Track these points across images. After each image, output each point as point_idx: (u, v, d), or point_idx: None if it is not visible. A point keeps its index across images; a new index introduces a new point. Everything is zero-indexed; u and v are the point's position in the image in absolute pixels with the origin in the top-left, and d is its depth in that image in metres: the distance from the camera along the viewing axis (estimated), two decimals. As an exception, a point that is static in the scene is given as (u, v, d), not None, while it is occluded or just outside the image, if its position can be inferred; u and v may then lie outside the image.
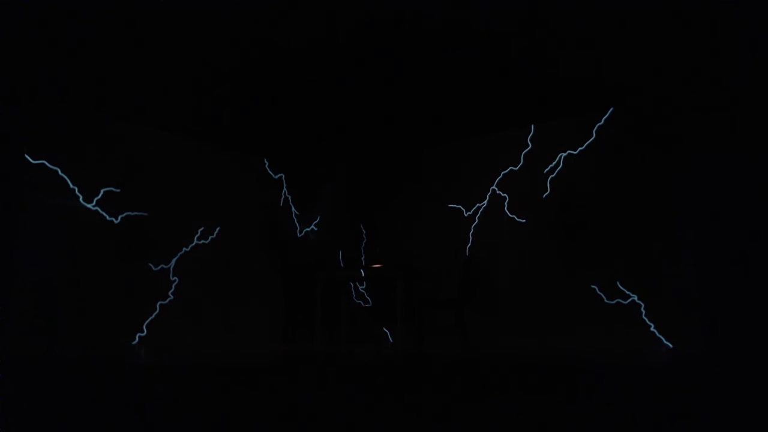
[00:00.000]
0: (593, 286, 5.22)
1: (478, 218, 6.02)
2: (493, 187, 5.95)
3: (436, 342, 5.80)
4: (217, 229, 6.23)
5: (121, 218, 5.47)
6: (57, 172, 5.10)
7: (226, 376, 4.40)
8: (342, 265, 6.96)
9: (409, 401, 3.60)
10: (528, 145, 5.80)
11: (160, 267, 5.74)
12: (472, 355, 5.14)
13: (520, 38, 4.33)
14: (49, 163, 5.05)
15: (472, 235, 6.04)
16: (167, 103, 5.42)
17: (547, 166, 5.63)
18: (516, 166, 5.85)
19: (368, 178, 6.99)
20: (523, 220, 5.73)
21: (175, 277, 5.81)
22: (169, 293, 5.75)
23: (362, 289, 6.74)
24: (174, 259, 5.85)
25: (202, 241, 6.09)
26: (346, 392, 3.39)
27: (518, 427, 3.40)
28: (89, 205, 5.28)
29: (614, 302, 5.15)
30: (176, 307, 5.78)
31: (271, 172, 6.99)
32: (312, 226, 7.10)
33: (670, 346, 4.95)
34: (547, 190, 5.61)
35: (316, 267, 6.17)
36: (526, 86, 5.11)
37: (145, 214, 5.65)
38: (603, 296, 5.19)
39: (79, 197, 5.22)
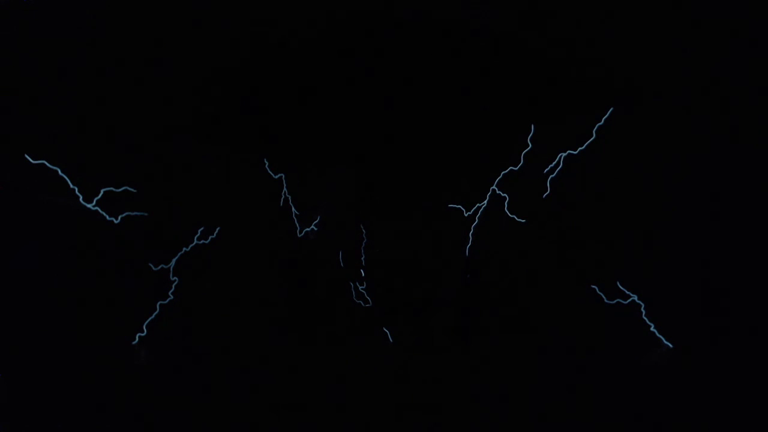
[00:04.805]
0: (593, 286, 5.22)
1: (478, 218, 6.02)
2: (493, 187, 5.95)
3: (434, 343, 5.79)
4: (217, 229, 6.23)
5: (121, 218, 5.47)
6: (57, 172, 5.09)
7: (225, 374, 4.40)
8: (342, 265, 6.96)
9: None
10: (528, 145, 5.80)
11: (160, 267, 5.74)
12: (471, 355, 5.14)
13: (520, 37, 4.33)
14: (49, 163, 5.05)
15: (472, 235, 6.04)
16: (167, 102, 5.42)
17: (547, 166, 5.62)
18: (516, 166, 5.84)
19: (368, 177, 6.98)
20: (523, 220, 5.73)
21: (175, 277, 5.81)
22: (169, 293, 5.75)
23: (362, 289, 6.74)
24: (174, 259, 5.85)
25: (202, 241, 6.09)
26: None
27: (519, 425, 3.40)
28: (89, 205, 5.28)
29: (614, 302, 5.15)
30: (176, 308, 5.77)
31: (271, 172, 6.98)
32: (312, 226, 7.09)
33: (670, 346, 4.95)
34: (547, 190, 5.60)
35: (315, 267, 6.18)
36: (526, 86, 5.11)
37: (145, 214, 5.65)
38: (603, 296, 5.19)
39: (79, 197, 5.22)
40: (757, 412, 3.54)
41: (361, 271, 5.72)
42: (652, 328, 5.01)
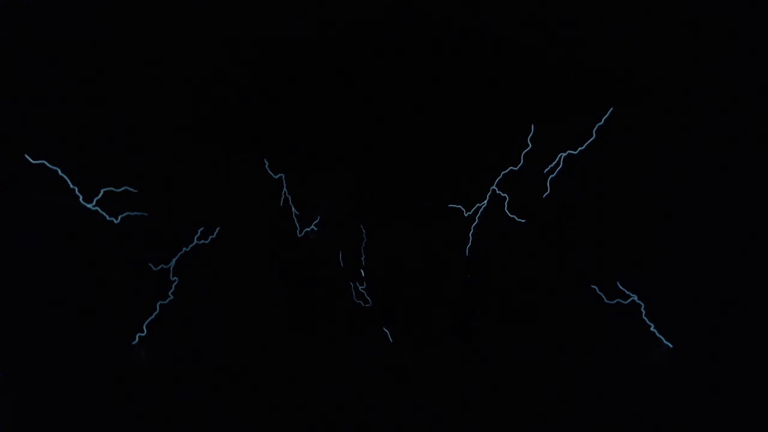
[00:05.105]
0: (593, 286, 5.22)
1: (478, 218, 6.02)
2: (493, 187, 5.95)
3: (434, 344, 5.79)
4: (217, 229, 6.23)
5: (121, 218, 5.47)
6: (57, 172, 5.09)
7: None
8: (342, 265, 6.95)
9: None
10: (528, 145, 5.80)
11: (160, 267, 5.74)
12: (471, 355, 5.15)
13: (520, 37, 4.33)
14: (49, 163, 5.05)
15: (472, 235, 6.04)
16: (166, 102, 5.43)
17: (547, 166, 5.63)
18: (516, 166, 5.84)
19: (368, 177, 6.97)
20: (523, 220, 5.73)
21: (175, 277, 5.81)
22: (169, 293, 5.75)
23: (362, 289, 6.74)
24: (174, 259, 5.85)
25: (202, 241, 6.09)
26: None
27: (519, 425, 3.40)
28: (89, 205, 5.28)
29: (614, 302, 5.15)
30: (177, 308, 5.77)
31: (271, 172, 6.98)
32: (312, 226, 7.09)
33: (670, 346, 4.95)
34: (547, 190, 5.61)
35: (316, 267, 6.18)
36: (526, 86, 5.12)
37: (145, 214, 5.65)
38: (603, 296, 5.19)
39: (79, 197, 5.22)
40: (757, 412, 3.55)
41: (361, 271, 5.72)
42: (652, 328, 5.01)
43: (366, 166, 7.02)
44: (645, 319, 5.04)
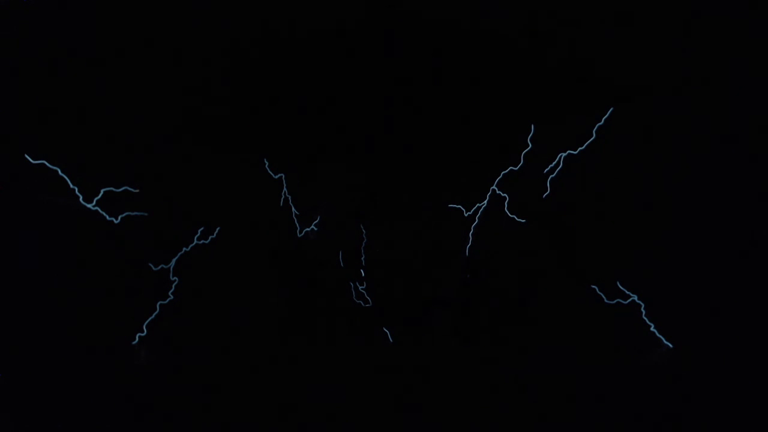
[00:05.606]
0: (593, 286, 5.22)
1: (478, 218, 6.02)
2: (493, 187, 5.95)
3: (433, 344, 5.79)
4: (217, 229, 6.23)
5: (121, 218, 5.47)
6: (57, 172, 5.09)
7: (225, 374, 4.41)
8: (342, 265, 6.95)
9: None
10: (528, 145, 5.80)
11: (160, 267, 5.74)
12: (471, 355, 5.15)
13: (520, 37, 4.33)
14: (49, 163, 5.05)
15: (472, 235, 6.04)
16: (167, 102, 5.42)
17: (547, 166, 5.63)
18: (516, 166, 5.84)
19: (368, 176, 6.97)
20: (523, 220, 5.73)
21: (175, 277, 5.81)
22: (169, 293, 5.75)
23: (362, 289, 6.74)
24: (174, 259, 5.85)
25: (202, 241, 6.09)
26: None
27: (519, 425, 3.40)
28: (89, 205, 5.28)
29: (614, 302, 5.15)
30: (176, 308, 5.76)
31: (271, 172, 6.98)
32: (312, 226, 7.09)
33: (670, 346, 4.96)
34: (547, 190, 5.60)
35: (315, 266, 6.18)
36: (527, 86, 5.12)
37: (145, 214, 5.65)
38: (603, 296, 5.19)
39: (79, 197, 5.22)
40: (757, 412, 3.55)
41: (361, 271, 5.72)
42: (652, 328, 5.01)
43: (366, 166, 7.02)
44: (645, 319, 5.04)
